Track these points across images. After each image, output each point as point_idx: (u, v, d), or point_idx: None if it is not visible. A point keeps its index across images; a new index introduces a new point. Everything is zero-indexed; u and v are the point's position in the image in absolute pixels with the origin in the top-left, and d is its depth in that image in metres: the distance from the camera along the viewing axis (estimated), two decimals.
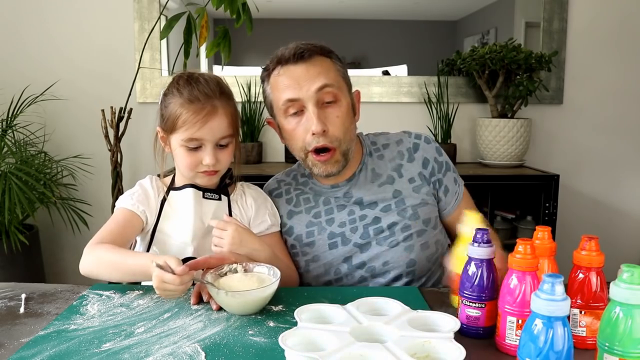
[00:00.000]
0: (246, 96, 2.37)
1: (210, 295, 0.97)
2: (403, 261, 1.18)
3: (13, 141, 2.25)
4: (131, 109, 2.21)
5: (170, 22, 1.98)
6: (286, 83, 1.15)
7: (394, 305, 0.87)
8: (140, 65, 2.24)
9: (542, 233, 0.85)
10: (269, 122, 1.28)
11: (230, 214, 1.19)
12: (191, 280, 0.94)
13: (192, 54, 2.04)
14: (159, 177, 1.22)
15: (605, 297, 0.79)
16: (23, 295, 1.02)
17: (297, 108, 1.16)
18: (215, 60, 2.41)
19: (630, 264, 0.66)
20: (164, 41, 2.38)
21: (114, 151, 2.21)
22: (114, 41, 2.39)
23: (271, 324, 0.91)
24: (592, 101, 2.45)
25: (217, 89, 1.12)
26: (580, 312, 0.80)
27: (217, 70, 2.43)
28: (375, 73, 2.49)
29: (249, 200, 1.23)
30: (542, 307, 0.64)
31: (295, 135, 1.18)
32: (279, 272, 0.99)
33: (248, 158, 2.33)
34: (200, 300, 1.00)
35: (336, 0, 2.47)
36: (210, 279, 0.97)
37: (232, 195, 1.22)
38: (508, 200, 2.30)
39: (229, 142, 1.14)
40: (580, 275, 0.80)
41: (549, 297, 0.64)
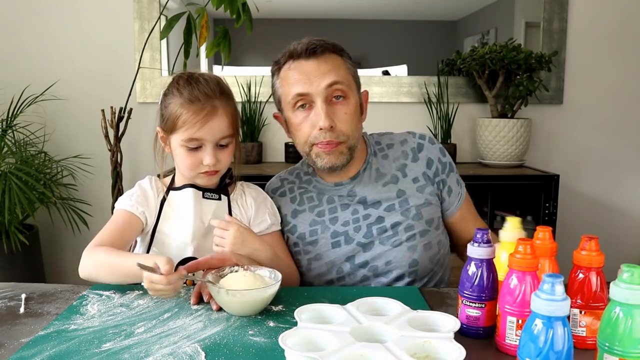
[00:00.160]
0: (246, 96, 2.37)
1: (211, 295, 0.97)
2: (406, 261, 1.18)
3: (13, 141, 2.25)
4: (131, 109, 2.21)
5: (170, 22, 1.98)
6: (297, 77, 1.16)
7: (394, 305, 0.87)
8: (140, 65, 2.24)
9: (543, 233, 0.85)
10: (275, 117, 1.28)
11: (230, 214, 1.19)
12: (180, 280, 0.94)
13: (192, 54, 2.04)
14: (159, 178, 1.22)
15: (605, 297, 0.79)
16: (23, 295, 1.02)
17: (306, 102, 1.16)
18: (215, 60, 2.41)
19: (630, 264, 0.66)
20: (164, 41, 2.38)
21: (114, 151, 2.21)
22: (114, 41, 2.40)
23: (271, 324, 0.91)
24: (592, 101, 2.45)
25: (217, 89, 1.12)
26: (580, 312, 0.80)
27: (217, 70, 2.43)
28: (375, 73, 2.49)
29: (249, 200, 1.23)
30: (542, 307, 0.64)
31: (302, 129, 1.18)
32: (280, 275, 0.99)
33: (248, 158, 2.33)
34: (200, 300, 1.00)
35: (336, 0, 2.47)
36: (210, 279, 0.97)
37: (232, 195, 1.22)
38: (508, 200, 2.29)
39: (229, 142, 1.14)
40: (580, 275, 0.80)
41: (549, 297, 0.64)
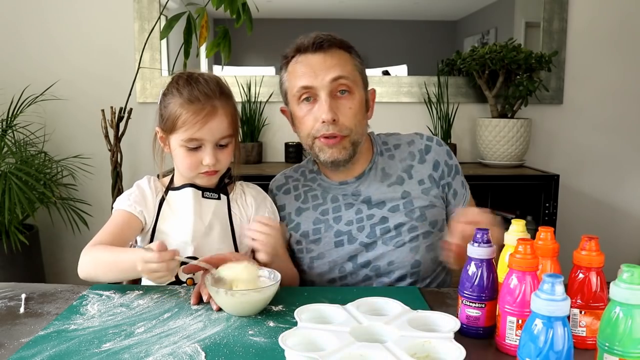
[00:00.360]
0: (246, 96, 2.37)
1: (210, 295, 0.97)
2: (408, 262, 1.18)
3: (13, 141, 2.25)
4: (131, 109, 2.21)
5: (170, 22, 1.98)
6: (303, 70, 1.17)
7: (394, 305, 0.87)
8: (140, 65, 2.24)
9: (544, 234, 0.85)
10: (282, 111, 1.29)
11: (230, 213, 1.19)
12: (174, 261, 0.95)
13: (192, 54, 2.04)
14: (158, 178, 1.22)
15: (605, 297, 0.79)
16: (23, 295, 1.02)
17: (311, 96, 1.17)
18: (215, 60, 2.41)
19: (630, 264, 0.66)
20: (164, 41, 2.38)
21: (114, 151, 2.21)
22: (114, 41, 2.40)
23: (271, 324, 0.91)
24: (592, 101, 2.45)
25: (216, 89, 1.12)
26: (580, 312, 0.80)
27: (217, 70, 2.43)
28: (375, 73, 2.49)
29: (248, 199, 1.23)
30: (542, 307, 0.64)
31: (305, 122, 1.19)
32: (279, 275, 0.99)
33: (248, 158, 2.33)
34: (200, 300, 1.00)
35: (336, 0, 2.46)
36: (210, 279, 0.97)
37: (231, 195, 1.22)
38: (508, 200, 2.29)
39: (229, 142, 1.14)
40: (580, 275, 0.80)
41: (549, 297, 0.64)
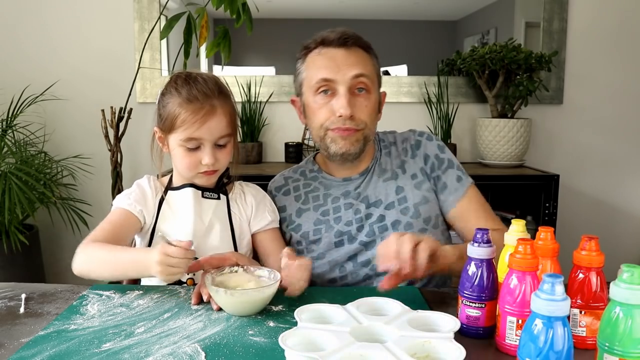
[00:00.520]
0: (246, 96, 2.37)
1: (211, 295, 0.97)
2: None
3: (13, 141, 2.25)
4: (131, 109, 2.21)
5: (170, 22, 1.98)
6: (325, 63, 1.19)
7: (394, 305, 0.87)
8: (140, 65, 2.24)
9: (545, 234, 0.84)
10: (292, 101, 1.30)
11: (230, 213, 1.19)
12: (191, 260, 0.96)
13: (192, 54, 2.04)
14: (157, 178, 1.22)
15: (605, 297, 0.79)
16: (23, 295, 1.02)
17: (329, 89, 1.18)
18: (215, 60, 2.41)
19: (630, 264, 0.66)
20: (164, 41, 2.37)
21: (114, 151, 2.21)
22: (114, 41, 2.39)
23: (271, 324, 0.91)
24: (592, 101, 2.44)
25: (215, 88, 1.12)
26: (580, 312, 0.80)
27: (217, 70, 2.43)
28: None
29: (248, 199, 1.23)
30: (542, 307, 0.64)
31: (320, 113, 1.20)
32: (279, 275, 0.99)
33: (248, 158, 2.33)
34: (200, 300, 1.00)
35: (336, 0, 2.46)
36: (210, 279, 0.97)
37: (230, 195, 1.22)
38: (508, 200, 2.29)
39: (228, 141, 1.14)
40: (580, 275, 0.80)
41: (549, 297, 0.64)
